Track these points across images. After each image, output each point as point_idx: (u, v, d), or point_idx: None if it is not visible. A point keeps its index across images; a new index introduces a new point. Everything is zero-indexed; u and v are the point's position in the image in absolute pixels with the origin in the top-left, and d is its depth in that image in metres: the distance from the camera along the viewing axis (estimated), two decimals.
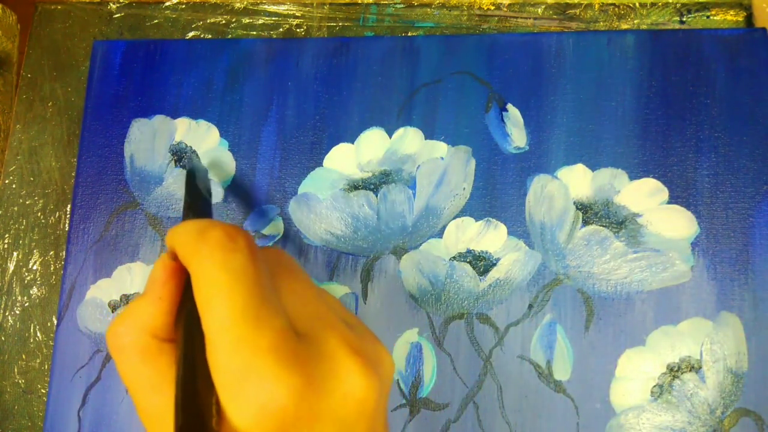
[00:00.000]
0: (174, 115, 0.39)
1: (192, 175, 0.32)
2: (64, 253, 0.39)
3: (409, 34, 0.40)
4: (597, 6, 0.40)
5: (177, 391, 0.20)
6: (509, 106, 0.37)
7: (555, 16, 0.40)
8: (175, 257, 0.23)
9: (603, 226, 0.35)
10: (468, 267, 0.35)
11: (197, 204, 0.30)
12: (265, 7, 0.42)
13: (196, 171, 0.32)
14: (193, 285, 0.21)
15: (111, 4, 0.43)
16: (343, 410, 0.20)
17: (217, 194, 0.38)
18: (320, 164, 0.38)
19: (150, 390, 0.21)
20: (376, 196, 0.36)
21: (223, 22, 0.42)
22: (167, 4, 0.43)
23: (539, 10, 0.40)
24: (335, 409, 0.20)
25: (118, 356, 0.22)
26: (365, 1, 0.41)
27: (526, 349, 0.34)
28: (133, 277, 0.37)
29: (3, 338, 0.39)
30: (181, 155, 0.39)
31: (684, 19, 0.39)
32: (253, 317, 0.20)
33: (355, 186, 0.37)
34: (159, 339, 0.22)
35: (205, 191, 0.31)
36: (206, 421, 0.19)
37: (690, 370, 0.33)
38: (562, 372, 0.34)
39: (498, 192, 0.36)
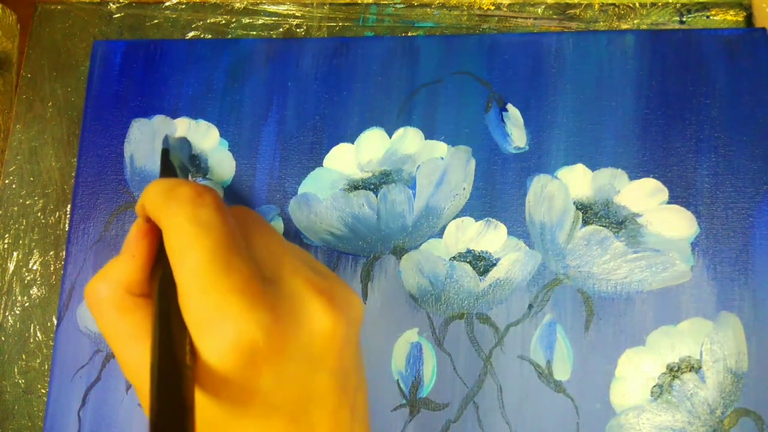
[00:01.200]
0: (174, 115, 0.39)
1: (166, 153, 0.33)
2: (64, 253, 0.39)
3: (409, 34, 0.41)
4: (597, 6, 0.40)
5: (153, 335, 0.21)
6: (509, 106, 0.37)
7: (555, 16, 0.40)
8: (148, 219, 0.24)
9: (603, 226, 0.35)
10: (468, 267, 0.35)
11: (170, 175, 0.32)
12: (265, 7, 0.42)
13: (171, 149, 0.33)
14: (165, 238, 0.22)
15: (111, 4, 0.43)
16: (310, 346, 0.21)
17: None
18: (320, 164, 0.38)
19: (128, 341, 0.22)
20: (376, 196, 0.36)
21: (223, 22, 0.42)
22: (167, 4, 0.43)
23: (539, 10, 0.40)
24: (303, 344, 0.21)
25: (97, 310, 0.23)
26: (365, 1, 0.41)
27: (526, 349, 0.34)
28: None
29: (3, 338, 0.39)
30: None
31: (684, 19, 0.39)
32: (223, 263, 0.21)
33: (355, 186, 0.37)
34: (134, 294, 0.23)
35: (178, 167, 0.33)
36: (180, 357, 0.20)
37: (690, 370, 0.33)
38: (562, 372, 0.34)
39: (498, 192, 0.36)
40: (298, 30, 0.41)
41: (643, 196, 0.35)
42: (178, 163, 0.33)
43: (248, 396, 0.21)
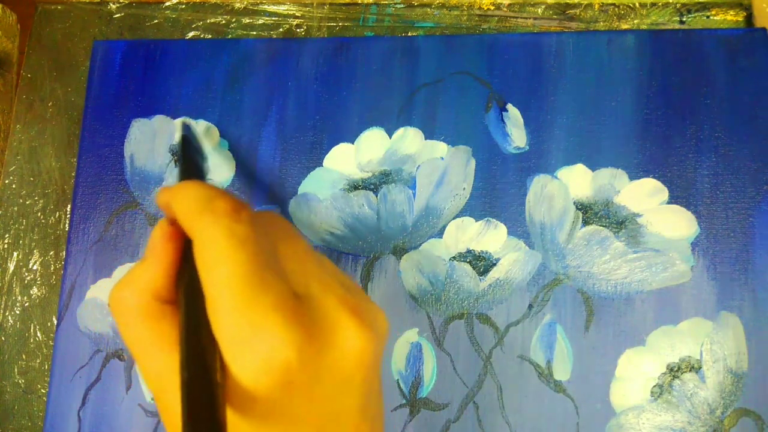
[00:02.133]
0: (174, 115, 0.39)
1: (186, 141, 0.32)
2: (64, 253, 0.39)
3: (409, 34, 0.40)
4: (597, 6, 0.40)
5: (181, 348, 0.20)
6: (509, 106, 0.37)
7: (555, 16, 0.40)
8: (173, 222, 0.24)
9: (603, 226, 0.35)
10: (468, 267, 0.35)
11: (194, 168, 0.30)
12: (265, 7, 0.42)
13: (191, 137, 0.32)
14: (196, 249, 0.21)
15: (111, 4, 0.43)
16: (342, 363, 0.21)
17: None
18: (320, 164, 0.38)
19: (153, 350, 0.22)
20: (376, 196, 0.36)
21: (223, 22, 0.42)
22: (167, 4, 0.43)
23: (539, 10, 0.40)
24: (335, 362, 0.21)
25: (121, 319, 0.22)
26: (365, 1, 0.41)
27: (526, 349, 0.34)
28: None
29: (3, 338, 0.39)
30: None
31: (684, 19, 0.39)
32: (257, 280, 0.20)
33: (355, 186, 0.37)
34: (160, 301, 0.22)
35: (198, 157, 0.32)
36: (212, 375, 0.19)
37: (690, 370, 0.33)
38: (562, 372, 0.34)
39: (498, 192, 0.36)
40: (298, 30, 0.41)
41: (643, 196, 0.35)
42: (198, 151, 0.32)
43: (276, 414, 0.20)
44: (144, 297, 0.22)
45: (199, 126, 0.39)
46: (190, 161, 0.31)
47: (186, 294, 0.22)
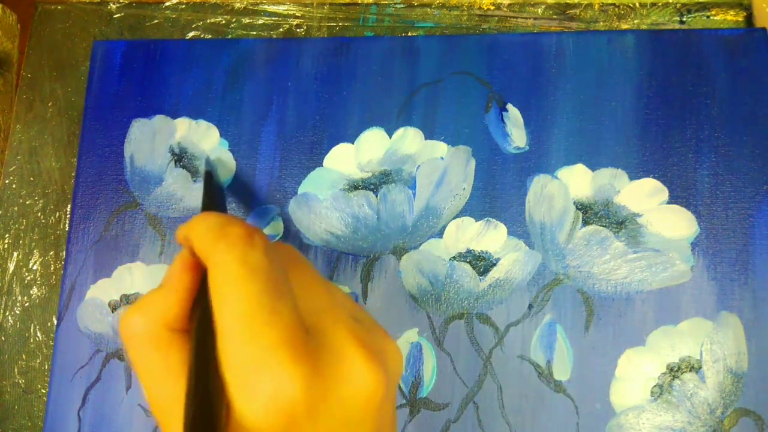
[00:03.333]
0: (174, 115, 0.39)
1: (209, 176, 0.32)
2: (64, 253, 0.39)
3: (409, 34, 0.40)
4: (597, 6, 0.40)
5: (189, 381, 0.20)
6: (509, 106, 0.37)
7: (555, 16, 0.40)
8: (193, 252, 0.23)
9: (603, 226, 0.35)
10: (468, 267, 0.35)
11: (216, 202, 0.31)
12: (265, 7, 0.42)
13: (213, 171, 0.33)
14: (209, 277, 0.21)
15: (111, 4, 0.43)
16: (351, 403, 0.21)
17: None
18: (320, 164, 0.38)
19: (160, 378, 0.21)
20: (376, 196, 0.36)
21: (223, 22, 0.42)
22: (167, 4, 0.43)
23: (539, 10, 0.40)
24: (343, 402, 0.20)
25: (131, 344, 0.22)
26: (365, 1, 0.41)
27: (526, 349, 0.34)
28: (133, 277, 0.37)
29: (3, 338, 0.39)
30: (181, 155, 0.39)
31: (684, 19, 0.39)
32: (267, 310, 0.20)
33: (355, 186, 0.37)
34: (171, 330, 0.22)
35: (219, 191, 0.32)
36: (216, 411, 0.19)
37: (690, 370, 0.33)
38: (562, 372, 0.34)
39: (498, 192, 0.36)
40: (298, 30, 0.41)
41: (643, 196, 0.35)
42: (219, 184, 0.32)
43: None
44: (156, 325, 0.22)
45: (200, 126, 0.39)
46: (212, 196, 0.31)
47: (199, 326, 0.21)
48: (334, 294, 0.24)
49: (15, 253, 0.40)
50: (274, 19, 0.42)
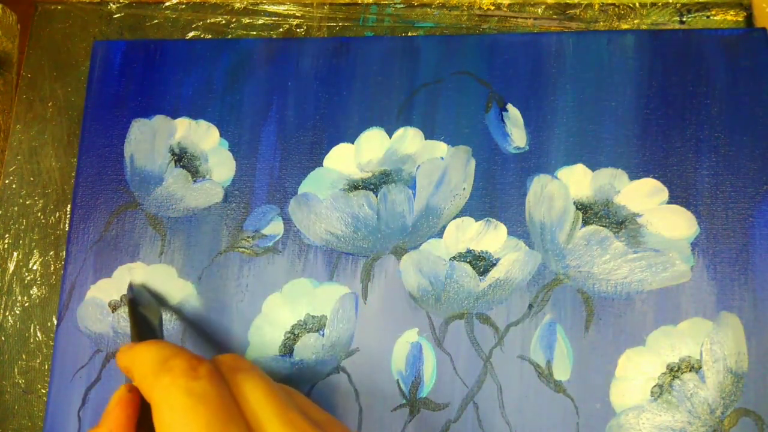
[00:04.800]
0: (174, 115, 0.39)
1: (133, 303, 0.32)
2: (64, 253, 0.39)
3: (409, 34, 0.41)
4: (597, 6, 0.40)
5: None
6: (509, 106, 0.37)
7: (555, 16, 0.40)
8: (131, 388, 0.23)
9: (603, 226, 0.35)
10: (468, 267, 0.35)
11: (146, 330, 0.31)
12: (265, 7, 0.42)
13: (138, 298, 0.33)
14: (154, 413, 0.21)
15: (111, 4, 0.43)
16: None
17: (218, 195, 0.38)
18: (320, 164, 0.38)
19: None
20: (376, 196, 0.36)
21: (223, 22, 0.42)
22: (167, 4, 0.43)
23: (539, 10, 0.40)
24: None
25: None
26: (365, 1, 0.41)
27: (526, 349, 0.34)
28: (134, 277, 0.37)
29: (3, 338, 0.39)
30: (181, 155, 0.39)
31: (684, 19, 0.39)
32: None
33: (355, 186, 0.37)
34: None
35: (151, 313, 0.32)
36: None
37: (690, 370, 0.33)
38: (562, 372, 0.34)
39: (498, 192, 0.36)
40: (298, 30, 0.41)
41: (643, 196, 0.35)
42: (150, 309, 0.32)
43: None
44: None
45: (200, 126, 0.39)
46: (141, 322, 0.31)
47: None
48: (292, 398, 0.24)
49: (15, 253, 0.40)
50: (274, 19, 0.42)
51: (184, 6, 0.42)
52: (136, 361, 0.23)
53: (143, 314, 0.32)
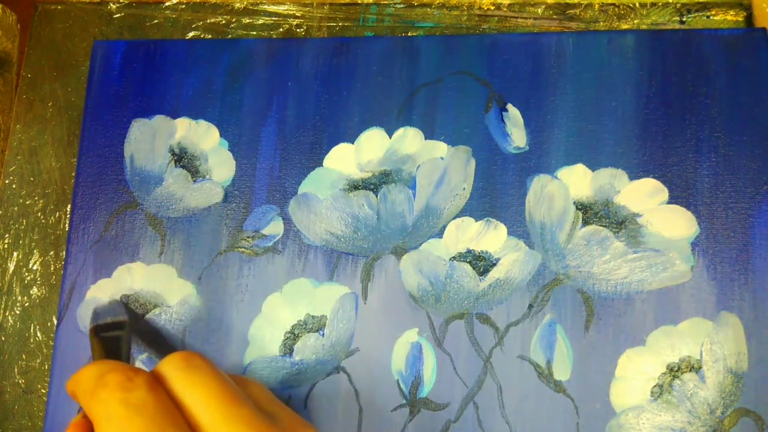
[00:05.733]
0: (174, 115, 0.39)
1: (96, 330, 0.32)
2: (64, 253, 0.39)
3: (409, 34, 0.41)
4: (597, 6, 0.40)
5: None
6: (509, 106, 0.37)
7: (555, 16, 0.40)
8: (86, 414, 0.23)
9: (603, 226, 0.35)
10: (468, 267, 0.35)
11: (104, 351, 0.31)
12: (265, 7, 0.42)
13: (100, 321, 0.33)
14: (95, 429, 0.21)
15: (111, 4, 0.43)
16: None
17: (218, 195, 0.38)
18: (320, 164, 0.38)
19: None
20: (376, 196, 0.36)
21: (223, 22, 0.42)
22: (167, 4, 0.43)
23: (539, 10, 0.40)
24: None
25: None
26: (365, 1, 0.41)
27: (526, 349, 0.34)
28: (133, 277, 0.37)
29: (3, 338, 0.39)
30: (181, 155, 0.39)
31: (684, 19, 0.39)
32: None
33: (355, 186, 0.37)
34: None
35: (115, 332, 0.32)
36: None
37: (690, 370, 0.33)
38: (562, 372, 0.34)
39: (498, 192, 0.36)
40: (298, 30, 0.41)
41: (643, 196, 0.35)
42: (113, 327, 0.32)
43: None
44: None
45: (200, 126, 0.39)
46: (103, 345, 0.31)
47: None
48: (249, 389, 0.24)
49: (15, 253, 0.40)
50: (274, 19, 0.42)
51: (184, 6, 0.42)
52: (78, 383, 0.23)
53: (104, 336, 0.32)
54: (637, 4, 0.39)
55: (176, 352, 0.24)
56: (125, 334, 0.33)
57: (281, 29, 0.41)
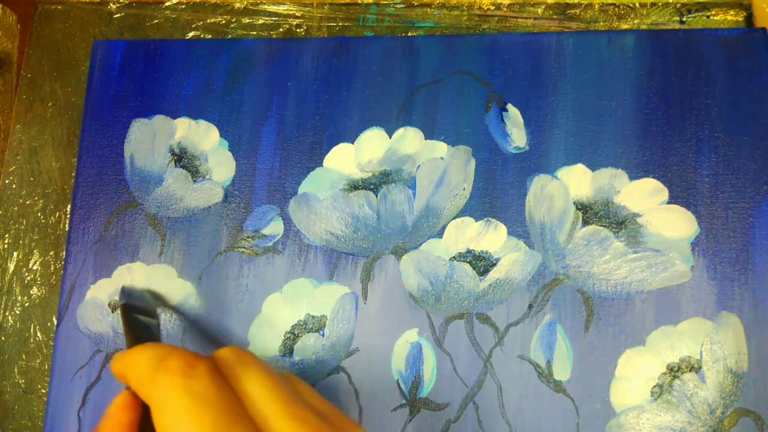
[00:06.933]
0: (174, 115, 0.39)
1: (129, 307, 0.32)
2: (64, 253, 0.39)
3: (409, 34, 0.40)
4: (597, 6, 0.40)
5: None
6: (509, 106, 0.37)
7: (555, 16, 0.40)
8: (134, 393, 0.22)
9: (603, 226, 0.35)
10: (468, 267, 0.35)
11: (142, 335, 0.30)
12: (265, 7, 0.42)
13: (132, 304, 0.32)
14: (154, 415, 0.20)
15: (111, 4, 0.43)
16: None
17: (218, 195, 0.38)
18: (320, 164, 0.38)
19: None
20: (376, 196, 0.36)
21: (223, 22, 0.42)
22: (167, 4, 0.43)
23: (539, 10, 0.40)
24: None
25: None
26: (365, 1, 0.41)
27: (526, 349, 0.34)
28: (134, 277, 0.37)
29: (3, 338, 0.39)
30: (181, 155, 0.39)
31: (684, 19, 0.39)
32: None
33: (355, 186, 0.37)
34: None
35: (146, 317, 0.32)
36: None
37: (690, 370, 0.33)
38: (562, 372, 0.34)
39: (498, 192, 0.36)
40: (298, 30, 0.41)
41: (643, 196, 0.35)
42: (146, 312, 0.32)
43: None
44: None
45: (200, 126, 0.39)
46: (136, 327, 0.30)
47: None
48: (297, 389, 0.23)
49: (15, 253, 0.40)
50: (274, 19, 0.42)
51: (184, 6, 0.42)
52: (130, 365, 0.22)
53: (138, 318, 0.31)
54: (637, 4, 0.39)
55: (227, 347, 0.24)
56: (157, 323, 0.32)
57: (281, 29, 0.41)
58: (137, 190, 0.39)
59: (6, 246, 0.40)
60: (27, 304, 0.39)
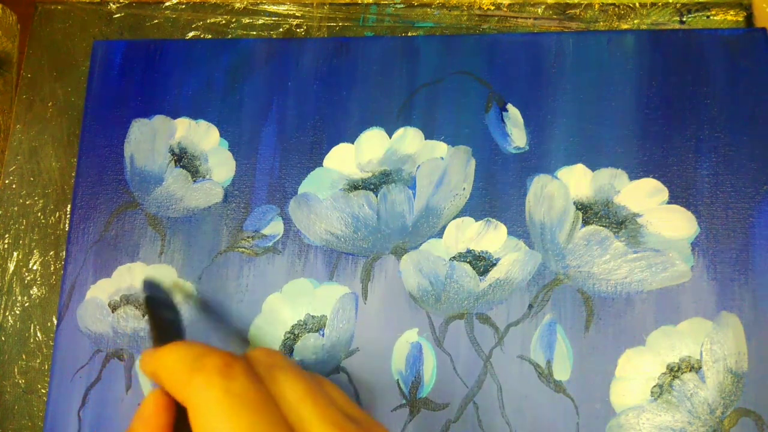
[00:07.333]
0: (174, 115, 0.39)
1: (153, 300, 0.31)
2: (64, 253, 0.39)
3: (409, 34, 0.40)
4: (597, 6, 0.40)
5: None
6: (509, 106, 0.37)
7: (555, 16, 0.40)
8: (165, 392, 0.22)
9: (603, 226, 0.35)
10: (468, 267, 0.35)
11: (167, 330, 0.30)
12: (265, 7, 0.42)
13: (156, 296, 0.32)
14: (192, 416, 0.20)
15: (111, 4, 0.43)
16: None
17: (218, 195, 0.38)
18: (320, 164, 0.38)
19: None
20: (376, 196, 0.36)
21: (223, 22, 0.42)
22: (167, 4, 0.43)
23: (539, 10, 0.40)
24: None
25: None
26: (365, 1, 0.41)
27: (526, 349, 0.34)
28: (133, 277, 0.37)
29: (3, 338, 0.39)
30: (181, 155, 0.39)
31: (684, 19, 0.39)
32: None
33: (355, 186, 0.37)
34: None
35: (170, 312, 0.31)
36: None
37: (690, 370, 0.33)
38: (562, 372, 0.34)
39: (498, 192, 0.36)
40: (298, 30, 0.41)
41: (643, 196, 0.35)
42: (169, 307, 0.31)
43: None
44: None
45: (200, 126, 0.39)
46: (162, 321, 0.30)
47: None
48: (329, 392, 0.23)
49: (15, 253, 0.40)
50: (274, 19, 0.42)
51: (184, 6, 0.42)
52: (163, 364, 0.22)
53: (162, 312, 0.30)
54: (637, 4, 0.39)
55: (259, 347, 0.23)
56: (179, 320, 0.32)
57: (281, 29, 0.41)
58: (137, 190, 0.39)
59: (6, 246, 0.40)
60: (27, 304, 0.39)
